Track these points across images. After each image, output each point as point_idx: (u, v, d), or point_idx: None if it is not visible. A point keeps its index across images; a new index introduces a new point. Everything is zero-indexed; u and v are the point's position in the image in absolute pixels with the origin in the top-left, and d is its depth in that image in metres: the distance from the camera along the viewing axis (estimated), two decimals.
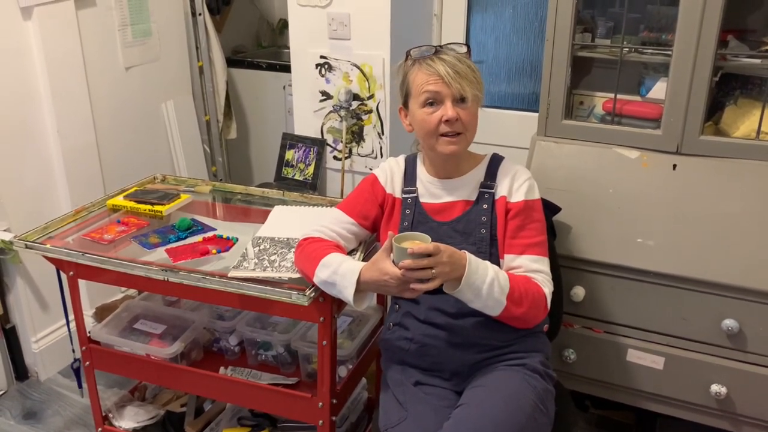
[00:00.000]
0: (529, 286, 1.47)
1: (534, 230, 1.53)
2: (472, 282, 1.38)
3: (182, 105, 3.12)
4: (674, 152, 1.83)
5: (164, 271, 1.68)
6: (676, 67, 1.77)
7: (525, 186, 1.54)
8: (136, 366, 1.95)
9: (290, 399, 1.77)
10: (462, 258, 1.38)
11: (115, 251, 1.83)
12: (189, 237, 1.90)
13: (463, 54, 1.51)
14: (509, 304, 1.42)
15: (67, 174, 2.54)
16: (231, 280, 1.60)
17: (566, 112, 1.96)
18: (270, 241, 1.77)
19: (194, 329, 1.99)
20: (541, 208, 1.56)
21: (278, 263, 1.66)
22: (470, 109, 1.49)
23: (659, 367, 1.83)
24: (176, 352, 1.90)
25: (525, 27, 2.56)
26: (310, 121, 2.62)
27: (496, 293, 1.40)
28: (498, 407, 1.38)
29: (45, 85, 2.42)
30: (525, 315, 1.46)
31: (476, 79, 1.49)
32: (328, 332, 1.64)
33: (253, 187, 2.25)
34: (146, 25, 2.84)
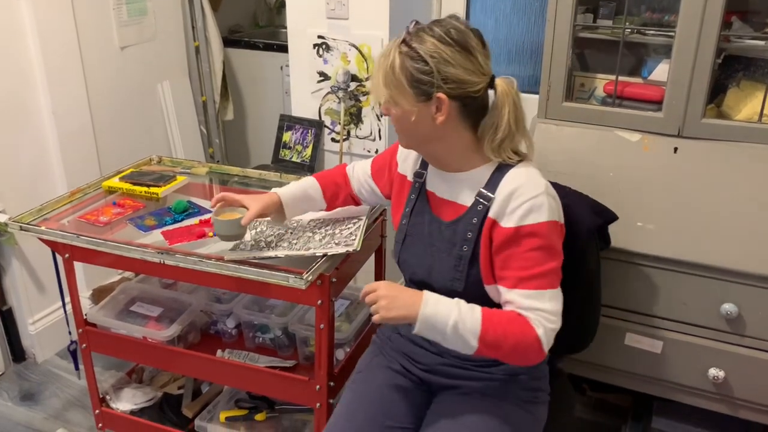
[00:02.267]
0: (512, 328, 1.26)
1: (530, 260, 1.27)
2: (431, 324, 1.27)
3: (178, 85, 3.09)
4: (676, 135, 1.82)
5: (160, 253, 1.67)
6: (678, 49, 1.74)
7: (522, 209, 1.27)
8: (133, 349, 1.95)
9: (288, 382, 1.77)
10: (416, 299, 1.28)
11: (110, 233, 1.81)
12: (185, 219, 1.88)
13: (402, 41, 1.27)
14: (482, 347, 1.26)
15: (63, 155, 2.52)
16: (227, 263, 1.59)
17: (567, 95, 1.94)
18: (266, 223, 1.76)
19: (191, 312, 1.98)
20: (547, 232, 1.28)
21: (275, 243, 1.64)
22: (390, 113, 1.31)
23: (657, 351, 1.82)
24: (173, 334, 1.90)
25: (525, 7, 2.53)
26: (307, 102, 2.60)
27: (463, 336, 1.25)
28: None
29: (39, 65, 2.39)
30: (506, 359, 1.31)
31: (386, 80, 1.27)
32: (326, 315, 1.63)
33: (250, 169, 2.23)
34: (142, 3, 2.80)
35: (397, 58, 1.25)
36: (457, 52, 1.24)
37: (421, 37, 1.25)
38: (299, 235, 1.68)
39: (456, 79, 1.24)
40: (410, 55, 1.24)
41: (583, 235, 1.55)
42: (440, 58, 1.23)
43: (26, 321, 2.53)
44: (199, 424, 2.03)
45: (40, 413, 2.35)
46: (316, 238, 1.65)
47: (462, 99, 1.26)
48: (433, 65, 1.22)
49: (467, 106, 1.28)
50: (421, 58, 1.23)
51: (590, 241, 1.57)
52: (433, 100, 1.25)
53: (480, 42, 1.27)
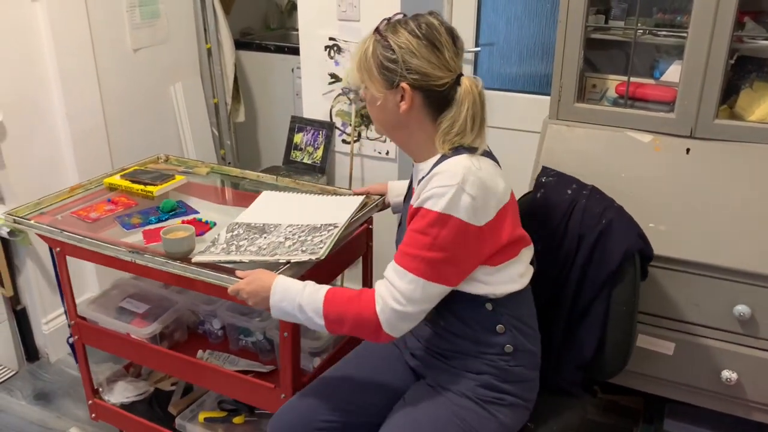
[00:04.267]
0: (352, 305, 1.32)
1: (412, 239, 1.29)
2: (283, 310, 1.39)
3: (190, 87, 3.10)
4: (688, 136, 1.81)
5: (131, 252, 1.68)
6: (691, 50, 1.74)
7: (427, 193, 1.27)
8: (119, 344, 1.98)
9: (254, 387, 1.77)
10: (267, 283, 1.41)
11: (96, 230, 1.83)
12: (169, 219, 1.88)
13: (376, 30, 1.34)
14: (328, 324, 1.34)
15: (76, 156, 2.53)
16: (191, 266, 1.58)
17: (578, 95, 1.94)
18: (245, 227, 1.73)
19: (175, 311, 2.01)
20: (435, 222, 1.25)
21: (245, 248, 1.61)
22: (366, 99, 1.39)
23: (669, 353, 1.82)
24: (153, 332, 1.92)
25: (537, 8, 2.53)
26: (318, 104, 2.61)
27: (311, 316, 1.35)
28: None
29: (53, 67, 2.41)
30: (355, 333, 1.36)
31: (360, 65, 1.35)
32: (290, 324, 1.60)
33: (248, 171, 2.23)
34: (155, 6, 2.82)
35: (371, 45, 1.33)
36: (424, 46, 1.29)
37: (396, 29, 1.31)
38: (271, 240, 1.66)
39: (419, 71, 1.29)
40: (382, 44, 1.32)
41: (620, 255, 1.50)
42: (407, 49, 1.29)
43: (40, 321, 2.55)
44: (179, 423, 2.04)
45: (53, 412, 2.37)
46: (286, 244, 1.62)
47: (425, 91, 1.31)
48: (399, 55, 1.29)
49: (430, 99, 1.32)
50: (390, 47, 1.30)
51: (627, 262, 1.51)
52: (398, 88, 1.31)
53: (451, 40, 1.32)
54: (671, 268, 1.77)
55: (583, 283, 1.57)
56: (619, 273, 1.52)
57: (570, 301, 1.58)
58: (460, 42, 1.34)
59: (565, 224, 1.58)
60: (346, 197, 1.88)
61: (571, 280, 1.57)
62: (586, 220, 1.56)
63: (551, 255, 1.59)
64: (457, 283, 1.33)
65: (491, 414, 1.41)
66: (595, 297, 1.55)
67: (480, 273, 1.34)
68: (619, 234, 1.52)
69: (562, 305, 1.59)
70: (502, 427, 1.42)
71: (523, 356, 1.43)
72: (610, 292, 1.53)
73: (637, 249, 1.53)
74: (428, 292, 1.29)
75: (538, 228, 1.62)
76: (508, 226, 1.33)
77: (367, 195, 1.85)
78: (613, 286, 1.53)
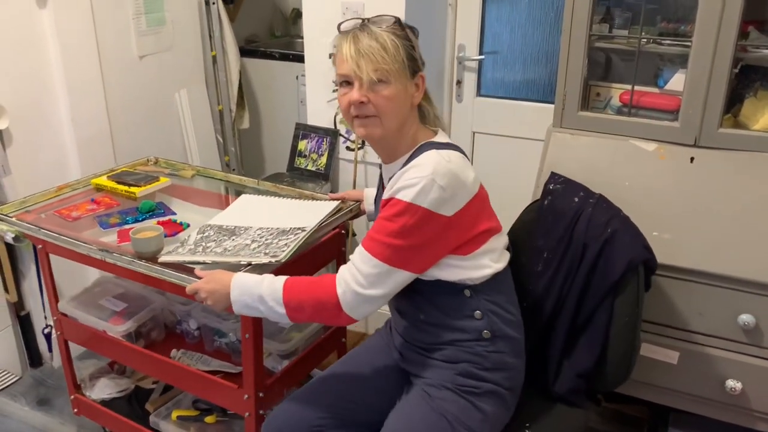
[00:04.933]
0: (313, 290, 1.37)
1: (379, 226, 1.34)
2: (242, 301, 1.41)
3: (195, 94, 3.11)
4: (692, 145, 1.81)
5: (101, 251, 1.71)
6: (695, 59, 1.74)
7: (399, 183, 1.32)
8: (96, 341, 2.02)
9: (219, 388, 1.80)
10: (225, 281, 1.43)
11: (75, 229, 1.87)
12: (146, 219, 1.92)
13: (384, 28, 1.35)
14: (290, 312, 1.38)
15: (81, 162, 2.54)
16: (155, 265, 1.61)
17: (582, 104, 1.94)
18: (216, 229, 1.76)
19: (152, 310, 2.05)
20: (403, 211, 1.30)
21: (211, 249, 1.63)
22: (384, 92, 1.34)
23: (673, 362, 1.81)
24: (128, 330, 1.97)
25: (541, 17, 2.53)
26: (323, 111, 2.61)
27: (272, 305, 1.38)
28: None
29: (59, 73, 2.42)
30: (315, 318, 1.43)
31: (385, 58, 1.32)
32: (250, 325, 1.64)
33: (232, 175, 2.31)
34: (160, 13, 2.83)
35: (394, 37, 1.34)
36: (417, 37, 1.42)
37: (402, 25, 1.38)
38: (239, 242, 1.67)
39: (422, 60, 1.41)
40: (404, 37, 1.36)
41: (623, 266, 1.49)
42: (416, 42, 1.39)
43: (43, 326, 2.56)
44: (153, 420, 2.07)
45: (56, 418, 2.37)
46: (252, 246, 1.63)
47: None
48: (416, 47, 1.38)
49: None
50: (409, 38, 1.37)
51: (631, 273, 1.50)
52: (416, 78, 1.39)
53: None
54: (675, 276, 1.76)
55: (586, 292, 1.56)
56: (622, 284, 1.51)
57: (572, 310, 1.58)
58: None
59: (570, 232, 1.58)
60: (321, 202, 1.91)
61: (574, 288, 1.57)
62: (591, 229, 1.55)
63: (556, 263, 1.59)
64: (421, 270, 1.37)
65: (471, 404, 1.42)
66: (598, 306, 1.54)
67: (453, 259, 1.39)
68: (623, 244, 1.52)
69: (564, 313, 1.59)
70: (485, 416, 1.43)
71: (503, 342, 1.45)
72: (612, 302, 1.52)
73: (642, 260, 1.52)
74: (392, 277, 1.34)
75: (544, 235, 1.63)
76: (476, 216, 1.39)
77: (342, 201, 1.89)
78: (616, 297, 1.52)
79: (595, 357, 1.55)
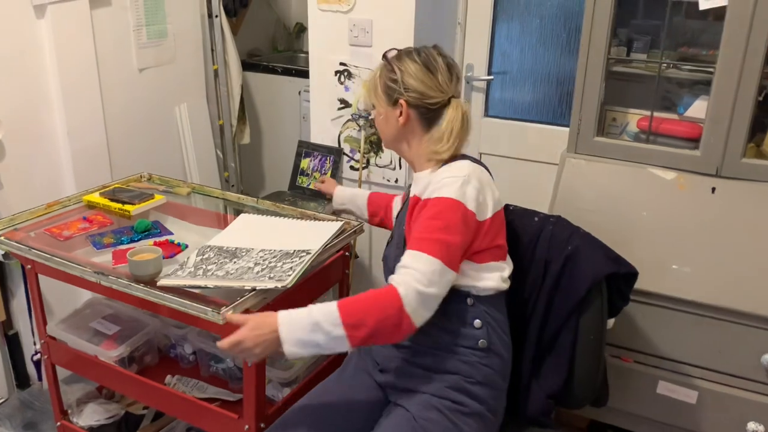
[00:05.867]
0: (369, 303, 1.32)
1: (423, 226, 1.37)
2: (295, 338, 1.31)
3: (196, 108, 3.04)
4: (713, 175, 1.74)
5: (97, 273, 1.63)
6: (718, 85, 1.68)
7: (434, 185, 1.40)
8: (87, 366, 1.93)
9: (217, 417, 1.71)
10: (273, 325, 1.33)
11: (67, 249, 1.79)
12: (142, 239, 1.84)
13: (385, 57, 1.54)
14: (350, 331, 1.29)
15: (76, 176, 2.46)
16: (154, 289, 1.54)
17: (598, 129, 1.87)
18: (216, 250, 1.69)
19: (146, 334, 1.96)
20: (445, 206, 1.37)
21: (212, 272, 1.57)
22: (374, 115, 1.58)
23: (692, 402, 1.73)
24: (121, 355, 1.88)
25: (552, 38, 2.47)
26: (327, 129, 2.54)
27: (330, 330, 1.29)
28: None
29: (56, 85, 2.35)
30: (377, 331, 1.30)
31: (369, 87, 1.56)
32: None
33: (229, 192, 2.23)
34: (162, 26, 2.77)
35: (379, 70, 1.54)
36: (420, 70, 1.47)
37: (401, 56, 1.50)
38: (241, 265, 1.61)
39: (415, 90, 1.46)
40: (387, 68, 1.51)
41: (587, 282, 1.47)
42: (406, 71, 1.47)
43: (32, 346, 2.46)
44: None
45: None
46: (255, 270, 1.57)
47: (419, 108, 1.48)
48: (399, 76, 1.47)
49: (424, 115, 1.49)
50: (393, 70, 1.49)
51: (595, 291, 1.48)
52: (398, 105, 1.49)
53: (446, 67, 1.49)
54: (695, 312, 1.69)
55: (549, 311, 1.55)
56: (586, 301, 1.49)
57: (537, 330, 1.56)
58: (456, 69, 1.51)
59: (531, 251, 1.57)
60: (324, 223, 1.85)
61: (538, 308, 1.56)
62: (552, 246, 1.55)
63: (518, 282, 1.56)
64: (457, 271, 1.38)
65: (455, 425, 1.40)
66: (563, 326, 1.53)
67: (465, 265, 1.41)
68: (585, 260, 1.51)
69: (530, 334, 1.58)
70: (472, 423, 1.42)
71: (495, 359, 1.45)
72: (577, 320, 1.51)
73: (606, 273, 1.50)
74: (445, 277, 1.34)
75: None
76: (497, 232, 1.44)
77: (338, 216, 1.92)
78: (581, 315, 1.50)
79: (563, 377, 1.54)
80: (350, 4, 2.33)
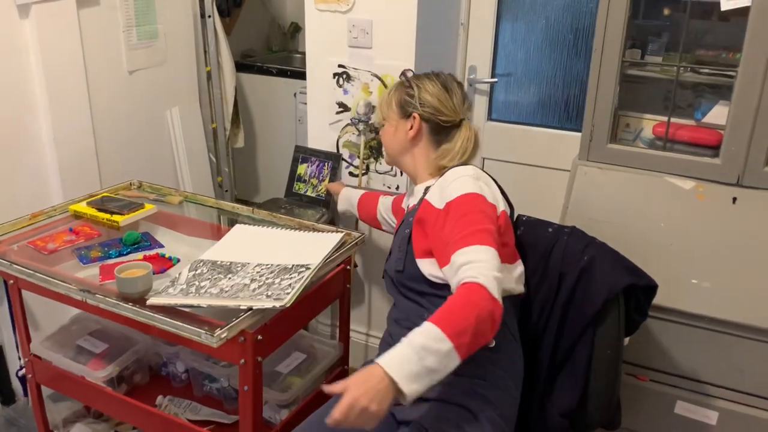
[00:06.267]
0: (458, 302, 1.24)
1: (460, 226, 1.34)
2: (407, 373, 1.17)
3: (188, 111, 2.95)
4: (734, 184, 1.66)
5: (82, 291, 1.54)
6: (740, 90, 1.60)
7: (450, 188, 1.43)
8: (73, 386, 1.85)
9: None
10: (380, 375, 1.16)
11: (52, 263, 1.71)
12: (131, 253, 1.76)
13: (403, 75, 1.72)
14: (456, 341, 1.19)
15: (63, 184, 2.37)
16: (144, 309, 1.45)
17: (611, 135, 1.79)
18: (210, 265, 1.61)
19: (136, 352, 1.88)
20: (471, 199, 1.39)
21: (206, 289, 1.48)
22: (382, 131, 1.66)
23: (712, 422, 1.65)
24: (109, 375, 1.80)
25: (558, 40, 2.39)
26: (325, 133, 2.45)
27: (438, 349, 1.18)
28: None
29: (41, 88, 2.25)
30: (478, 330, 1.21)
31: (383, 101, 1.64)
32: (250, 376, 1.48)
33: (223, 201, 2.15)
34: (153, 26, 2.67)
35: (396, 86, 1.64)
36: (437, 89, 1.57)
37: (419, 77, 1.61)
38: (236, 281, 1.53)
39: (430, 105, 1.55)
40: (405, 84, 1.62)
41: (603, 294, 1.40)
42: (423, 88, 1.57)
43: (17, 361, 2.36)
44: None
45: None
46: (251, 287, 1.49)
47: (431, 123, 1.56)
48: (416, 92, 1.57)
49: (434, 130, 1.57)
50: (410, 86, 1.60)
51: (612, 303, 1.41)
52: (410, 118, 1.57)
53: (460, 91, 1.59)
54: (715, 329, 1.61)
55: (563, 325, 1.48)
56: (603, 314, 1.41)
57: (551, 345, 1.50)
58: (468, 99, 1.60)
59: (544, 263, 1.51)
60: (324, 234, 1.78)
61: (551, 322, 1.49)
62: (567, 257, 1.49)
63: (531, 295, 1.50)
64: None
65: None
66: (578, 341, 1.46)
67: None
68: (601, 271, 1.44)
69: (543, 349, 1.51)
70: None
71: (505, 362, 1.43)
72: (593, 335, 1.43)
73: (624, 285, 1.42)
74: (495, 253, 1.31)
75: None
76: (506, 229, 1.45)
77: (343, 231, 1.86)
78: (596, 329, 1.42)
79: (578, 395, 1.47)
80: (349, 4, 2.24)
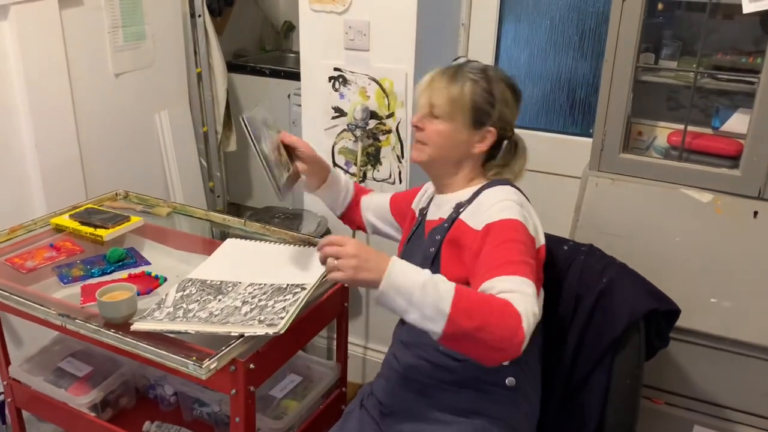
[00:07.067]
0: (486, 298, 1.16)
1: (502, 251, 1.24)
2: (398, 284, 1.13)
3: (178, 115, 2.85)
4: (755, 197, 1.57)
5: (61, 316, 1.45)
6: (762, 97, 1.51)
7: (491, 211, 1.30)
8: (55, 412, 1.77)
9: None
10: (383, 259, 1.16)
11: (30, 282, 1.63)
12: (115, 271, 1.68)
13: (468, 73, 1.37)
14: (454, 313, 1.11)
15: (46, 193, 2.27)
16: (127, 335, 1.36)
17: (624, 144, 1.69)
18: (199, 285, 1.52)
19: (121, 374, 1.80)
20: (514, 227, 1.26)
21: (194, 313, 1.40)
22: (433, 125, 1.38)
23: None
24: (92, 401, 1.72)
25: (563, 41, 2.30)
26: (320, 139, 2.35)
27: (433, 299, 1.11)
28: None
29: (22, 92, 2.16)
30: (480, 331, 1.12)
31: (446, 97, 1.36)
32: (242, 406, 1.40)
33: (213, 213, 2.08)
34: (140, 27, 2.57)
35: (469, 83, 1.36)
36: (514, 99, 1.40)
37: (494, 78, 1.37)
38: (227, 303, 1.44)
39: (506, 120, 1.39)
40: (483, 87, 1.36)
41: (624, 319, 1.32)
42: (503, 99, 1.37)
43: None
44: None
45: None
46: (243, 310, 1.41)
47: (499, 136, 1.40)
48: (497, 103, 1.36)
49: (496, 144, 1.41)
50: (491, 92, 1.36)
51: (632, 329, 1.33)
52: (482, 131, 1.38)
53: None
54: (735, 351, 1.53)
55: (579, 351, 1.40)
56: (622, 341, 1.33)
57: (566, 372, 1.41)
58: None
59: (559, 283, 1.42)
60: None
61: (567, 347, 1.41)
62: (584, 278, 1.40)
63: (544, 317, 1.38)
64: None
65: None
66: (594, 368, 1.38)
67: None
68: (622, 296, 1.36)
69: (557, 376, 1.43)
70: None
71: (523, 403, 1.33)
72: (611, 362, 1.35)
73: (646, 310, 1.34)
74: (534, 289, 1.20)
75: None
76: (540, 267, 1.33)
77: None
78: (615, 355, 1.34)
79: (594, 426, 1.39)
80: (345, 5, 2.14)
